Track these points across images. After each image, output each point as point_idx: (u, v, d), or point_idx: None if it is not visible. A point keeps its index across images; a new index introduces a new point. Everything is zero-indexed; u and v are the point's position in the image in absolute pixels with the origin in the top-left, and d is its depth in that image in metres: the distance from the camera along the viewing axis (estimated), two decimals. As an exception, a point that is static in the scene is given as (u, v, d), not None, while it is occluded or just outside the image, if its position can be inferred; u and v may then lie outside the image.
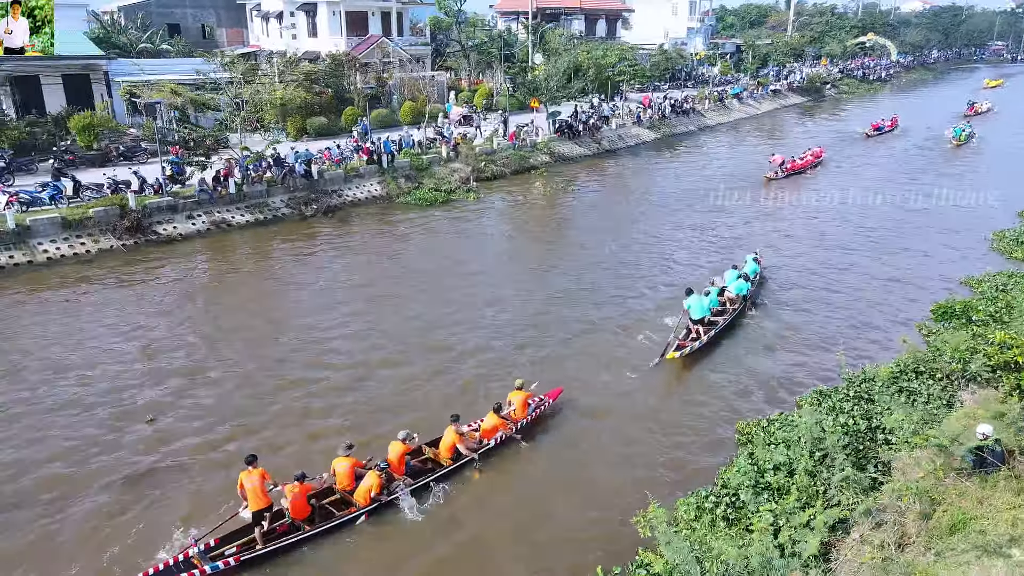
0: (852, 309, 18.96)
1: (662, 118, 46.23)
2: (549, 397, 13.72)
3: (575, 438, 13.23)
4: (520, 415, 12.95)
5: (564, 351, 16.42)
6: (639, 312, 18.71)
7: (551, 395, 13.79)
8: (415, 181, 30.66)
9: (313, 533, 10.41)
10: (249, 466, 10.18)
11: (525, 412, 12.98)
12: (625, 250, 23.93)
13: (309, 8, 50.87)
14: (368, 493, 10.79)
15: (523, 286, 20.58)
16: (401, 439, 11.45)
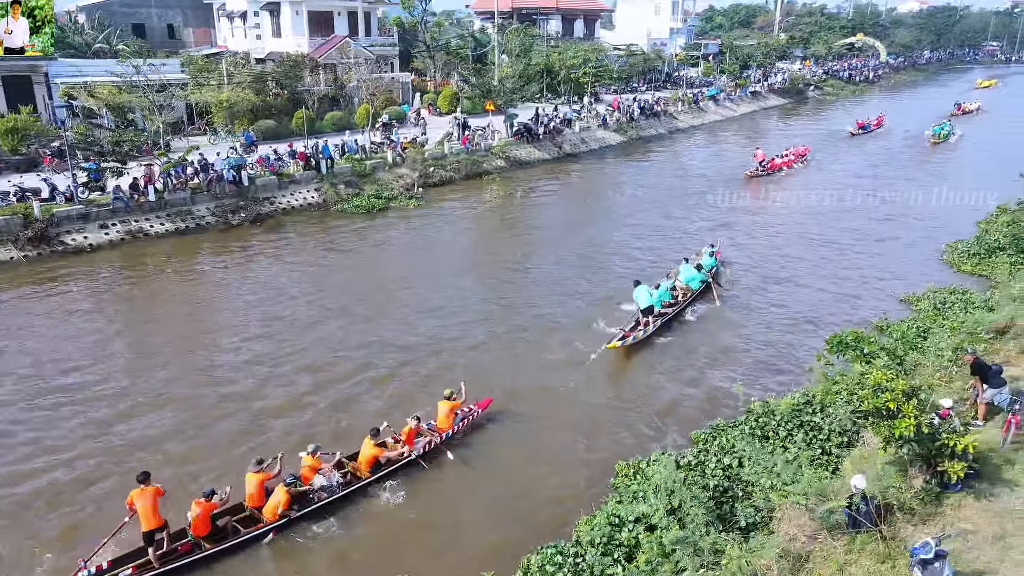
0: (787, 325, 18.11)
1: (630, 121, 45.06)
2: (478, 407, 13.42)
3: (490, 455, 12.74)
4: (446, 426, 12.62)
5: (498, 357, 16.12)
6: (577, 312, 18.51)
7: (480, 405, 13.50)
8: (356, 188, 29.55)
9: (216, 552, 9.96)
10: (142, 484, 9.75)
11: (451, 422, 12.67)
12: (570, 255, 23.48)
13: (273, 8, 49.82)
14: (276, 509, 10.39)
15: (457, 294, 19.90)
16: (310, 452, 11.16)
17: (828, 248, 24.36)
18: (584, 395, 14.59)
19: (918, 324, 16.62)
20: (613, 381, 15.50)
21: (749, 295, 20.10)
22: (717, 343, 16.96)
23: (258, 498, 10.62)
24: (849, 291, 20.32)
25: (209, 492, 10.14)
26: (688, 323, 18.28)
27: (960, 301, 17.91)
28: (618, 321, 17.49)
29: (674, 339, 17.25)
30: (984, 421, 11.31)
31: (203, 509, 9.97)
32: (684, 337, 17.41)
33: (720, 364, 15.94)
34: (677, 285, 18.97)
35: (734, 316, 18.58)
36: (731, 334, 17.46)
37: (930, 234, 25.49)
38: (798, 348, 16.66)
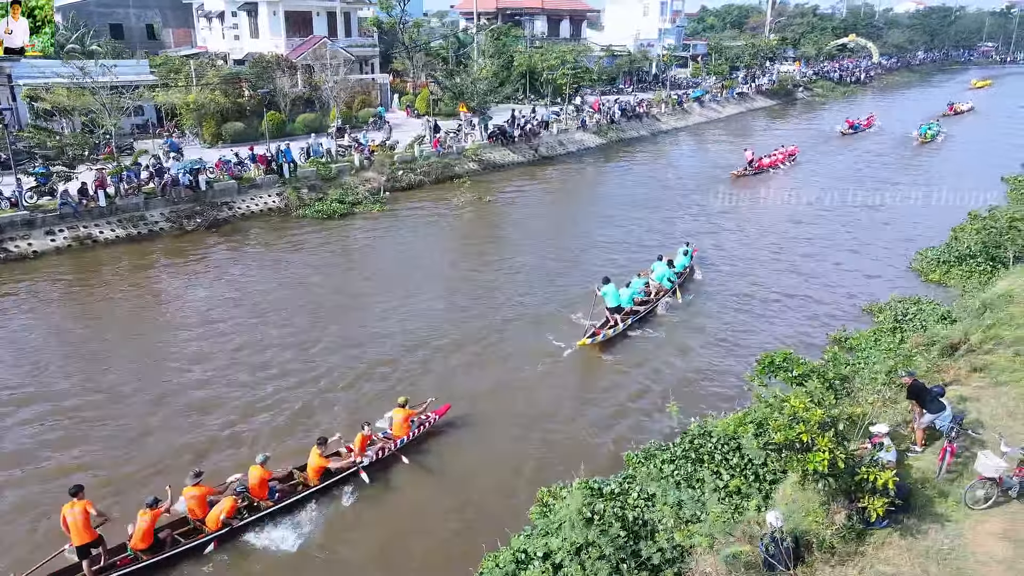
0: (746, 332, 17.75)
1: (611, 123, 44.40)
2: (436, 414, 13.26)
3: (442, 465, 12.53)
4: (401, 433, 12.48)
5: (461, 362, 15.94)
6: (546, 314, 18.49)
7: (438, 412, 13.34)
8: (321, 192, 28.89)
9: (155, 563, 9.79)
10: (73, 498, 9.55)
11: (407, 430, 12.53)
12: (539, 257, 23.14)
13: (250, 8, 49.18)
14: (218, 517, 10.26)
15: (417, 299, 19.51)
16: (259, 463, 10.90)
17: (802, 251, 24.08)
18: (545, 403, 14.32)
19: (875, 337, 16.08)
20: (579, 387, 15.30)
21: (718, 298, 19.90)
22: (682, 346, 16.87)
23: (200, 511, 10.45)
24: (816, 297, 19.89)
25: (152, 500, 9.97)
26: (661, 321, 18.28)
27: (921, 313, 17.33)
28: (586, 322, 17.42)
29: (646, 339, 17.31)
30: (923, 447, 10.67)
31: (150, 517, 9.82)
32: (654, 337, 17.40)
33: (679, 372, 15.71)
34: (650, 283, 19.08)
35: (700, 320, 18.38)
36: (695, 338, 17.26)
37: (905, 238, 25.08)
38: (752, 360, 16.08)
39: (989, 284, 19.51)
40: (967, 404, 11.74)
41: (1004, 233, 21.19)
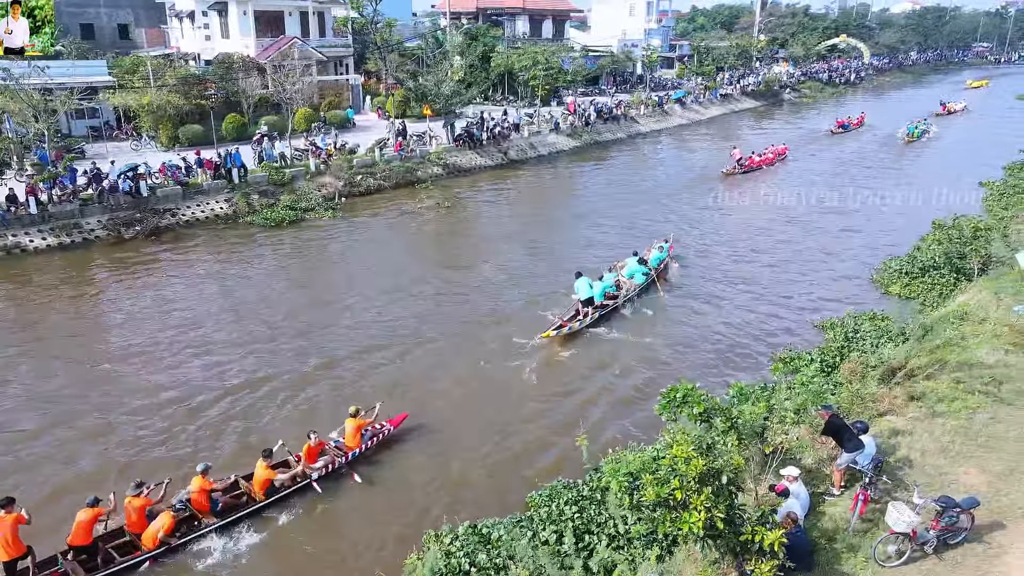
0: (692, 350, 16.86)
1: (585, 125, 43.42)
2: (391, 424, 12.89)
3: (395, 478, 12.09)
4: (353, 444, 12.09)
5: (416, 369, 15.63)
6: (502, 315, 18.30)
7: (393, 422, 12.97)
8: (272, 198, 27.92)
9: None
10: (2, 509, 9.25)
11: (358, 441, 12.11)
12: (498, 262, 22.56)
13: (221, 7, 48.21)
14: (155, 536, 9.89)
15: (360, 309, 18.91)
16: (200, 472, 10.60)
17: (768, 258, 23.32)
18: (502, 413, 13.93)
19: (823, 357, 15.14)
20: (540, 388, 14.90)
21: (678, 307, 19.34)
22: (632, 357, 16.28)
23: (139, 524, 10.10)
24: (773, 311, 18.98)
25: (93, 500, 9.71)
26: (624, 320, 18.10)
27: (876, 329, 16.39)
28: (551, 316, 17.46)
29: (605, 340, 17.04)
30: (841, 490, 9.71)
31: (91, 515, 9.57)
32: (611, 339, 17.11)
33: (622, 387, 15.09)
34: (621, 278, 19.03)
35: (657, 328, 17.86)
36: (645, 350, 16.65)
37: (873, 246, 24.23)
38: (701, 374, 15.32)
39: (951, 297, 18.67)
40: (898, 439, 10.80)
41: (968, 243, 20.27)
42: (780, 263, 22.82)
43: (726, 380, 15.00)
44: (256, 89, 36.19)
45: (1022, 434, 10.88)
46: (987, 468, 10.08)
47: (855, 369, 12.55)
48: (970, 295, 17.93)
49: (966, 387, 11.97)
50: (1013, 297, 16.52)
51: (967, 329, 14.77)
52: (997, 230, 20.91)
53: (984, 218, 23.81)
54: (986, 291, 17.56)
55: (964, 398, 11.71)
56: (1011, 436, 10.82)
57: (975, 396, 11.80)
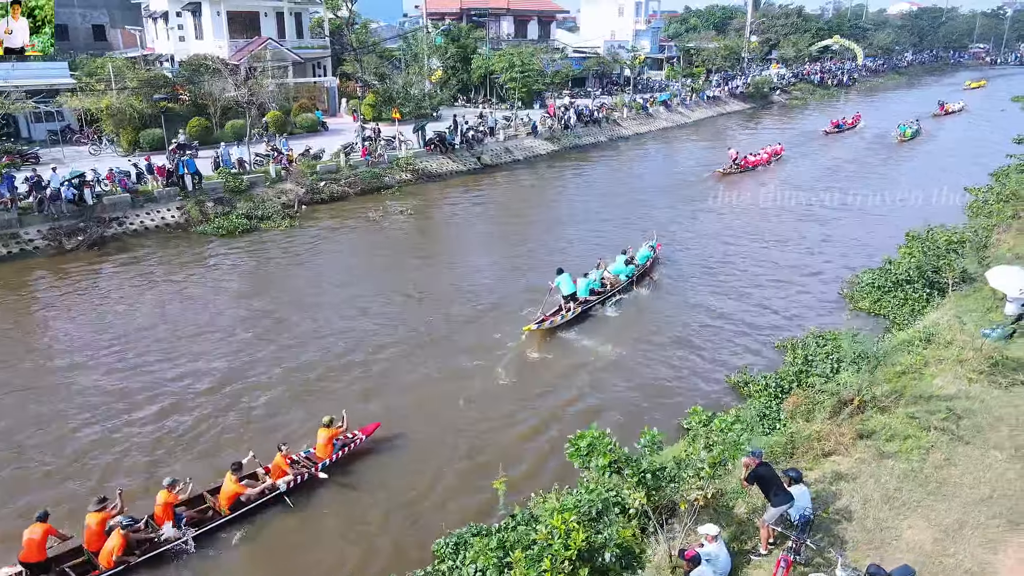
0: (646, 366, 15.99)
1: (565, 128, 42.40)
2: (363, 433, 12.61)
3: (366, 490, 11.74)
4: (323, 454, 11.80)
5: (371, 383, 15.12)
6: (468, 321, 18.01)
7: (365, 431, 12.66)
8: (228, 206, 26.89)
9: None
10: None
11: (329, 451, 11.83)
12: (464, 271, 21.95)
13: (194, 8, 47.23)
14: (110, 556, 9.54)
15: (319, 320, 18.15)
16: (166, 486, 10.28)
17: (744, 263, 22.61)
18: (480, 419, 13.64)
19: (779, 382, 14.13)
20: (518, 391, 14.67)
21: (651, 313, 18.83)
22: (604, 364, 15.96)
23: (98, 541, 9.79)
24: (738, 327, 17.91)
25: (43, 514, 9.52)
26: (602, 323, 18.07)
27: (838, 351, 15.32)
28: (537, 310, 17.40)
29: (581, 344, 16.89)
30: (768, 550, 8.67)
31: (40, 533, 9.37)
32: (587, 344, 16.86)
33: (594, 399, 14.56)
34: (606, 275, 19.20)
35: (631, 334, 17.44)
36: (614, 357, 16.29)
37: (850, 255, 23.36)
38: (654, 397, 14.59)
39: (922, 314, 17.65)
40: (840, 485, 9.78)
41: (942, 256, 19.28)
42: (754, 272, 21.85)
43: (680, 404, 14.07)
44: (224, 91, 35.12)
45: (978, 478, 9.88)
46: (935, 520, 9.07)
47: (800, 403, 11.52)
48: (940, 313, 16.92)
49: (921, 423, 10.95)
50: (982, 317, 15.54)
51: (931, 353, 13.76)
52: (974, 242, 19.87)
53: (964, 226, 22.84)
54: (956, 309, 16.56)
55: (918, 436, 10.69)
56: (965, 482, 9.80)
57: (930, 433, 10.78)
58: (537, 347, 16.51)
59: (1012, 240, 21.72)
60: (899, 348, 14.46)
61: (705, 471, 7.80)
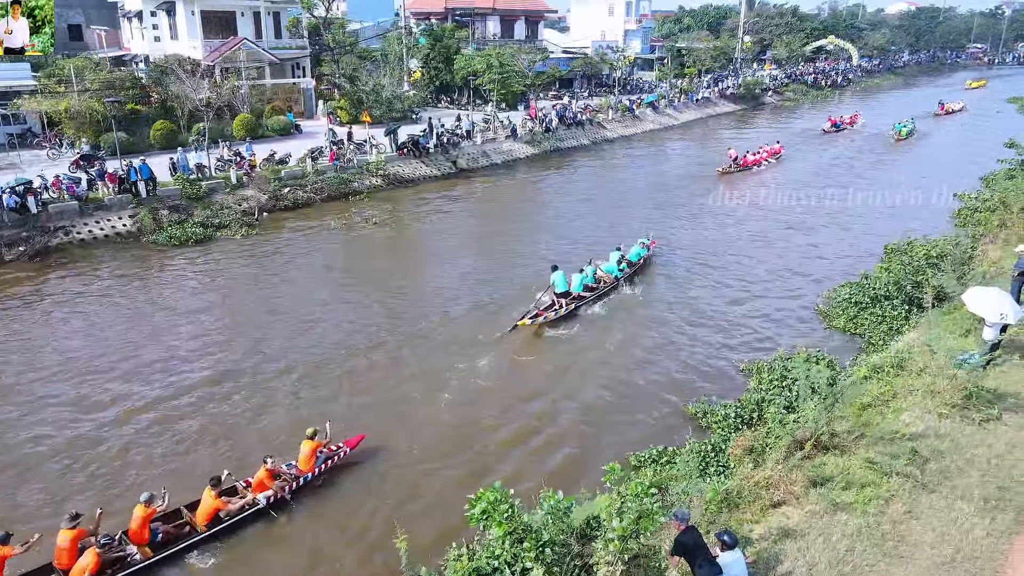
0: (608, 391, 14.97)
1: (546, 131, 41.30)
2: (347, 445, 12.28)
3: (350, 504, 11.39)
4: (306, 468, 11.52)
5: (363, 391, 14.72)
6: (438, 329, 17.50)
7: (349, 443, 12.34)
8: (185, 213, 25.79)
9: None
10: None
11: (312, 464, 11.56)
12: (426, 279, 21.40)
13: (168, 7, 46.14)
14: (82, 575, 9.25)
15: (266, 332, 17.45)
16: (143, 501, 9.99)
17: (722, 275, 21.60)
18: (467, 424, 13.46)
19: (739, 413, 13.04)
20: (498, 397, 14.38)
21: (617, 333, 17.66)
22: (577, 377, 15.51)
23: (68, 558, 9.52)
24: (704, 350, 16.78)
25: (3, 536, 9.29)
26: (589, 325, 17.95)
27: (808, 376, 14.24)
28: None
29: (562, 349, 16.71)
30: (696, 628, 7.59)
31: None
32: (566, 350, 16.69)
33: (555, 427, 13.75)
34: (599, 272, 19.47)
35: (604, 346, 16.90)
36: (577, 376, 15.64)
37: (832, 265, 22.28)
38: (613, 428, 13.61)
39: (901, 333, 16.58)
40: (784, 546, 8.68)
41: (921, 271, 18.19)
42: (732, 284, 20.89)
43: (627, 441, 13.03)
44: (193, 93, 34.01)
45: (941, 535, 8.80)
46: (890, 590, 8.00)
47: (748, 444, 10.43)
48: (918, 333, 15.84)
49: (882, 467, 9.87)
50: (961, 338, 14.45)
51: (901, 382, 12.68)
52: (955, 256, 18.77)
53: (946, 238, 21.74)
54: (935, 329, 15.46)
55: (877, 483, 9.61)
56: (927, 539, 8.72)
57: (892, 480, 9.70)
58: (521, 349, 16.49)
59: (998, 252, 20.66)
60: (869, 375, 13.40)
61: (614, 544, 6.70)
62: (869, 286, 18.48)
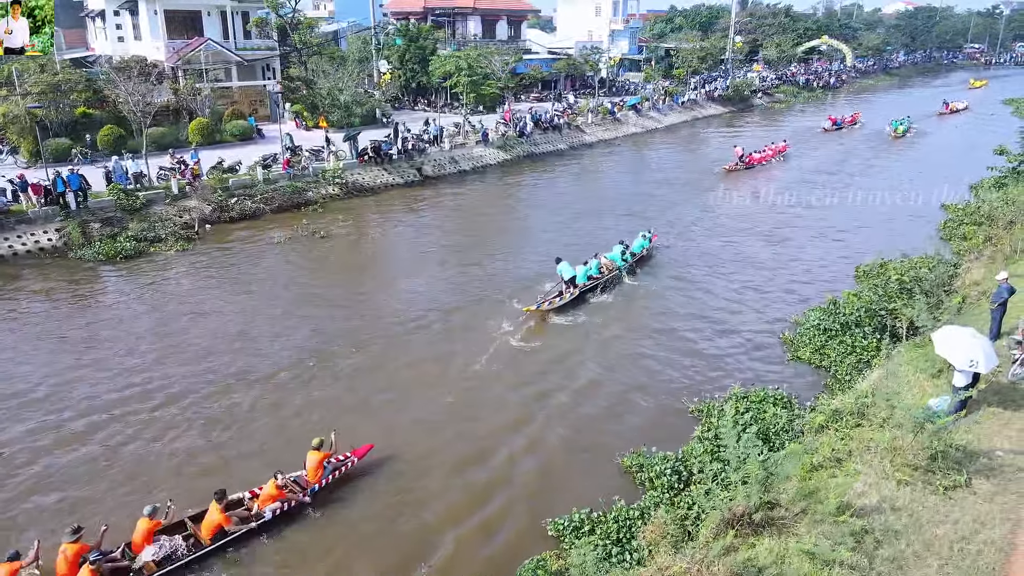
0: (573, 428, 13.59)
1: (520, 136, 39.68)
2: (355, 455, 12.10)
3: (357, 515, 11.14)
4: (313, 479, 11.35)
5: None
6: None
7: (357, 453, 12.16)
8: (119, 226, 24.19)
9: None
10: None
11: (319, 475, 11.38)
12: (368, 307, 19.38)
13: (131, 7, 44.56)
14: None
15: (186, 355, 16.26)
16: (147, 514, 9.94)
17: (689, 293, 20.17)
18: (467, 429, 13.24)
19: (678, 465, 11.47)
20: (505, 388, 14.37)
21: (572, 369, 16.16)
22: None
23: (70, 572, 9.43)
24: (661, 387, 15.17)
25: (14, 554, 9.25)
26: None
27: (761, 419, 12.72)
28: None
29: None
30: None
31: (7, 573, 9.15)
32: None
33: None
34: (603, 262, 20.36)
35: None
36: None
37: (814, 281, 20.74)
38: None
39: (871, 365, 15.00)
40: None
41: (893, 297, 16.60)
42: (702, 303, 19.55)
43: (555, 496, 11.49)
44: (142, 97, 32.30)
45: (888, 651, 7.22)
46: None
47: (663, 531, 8.83)
48: (890, 368, 14.22)
49: (823, 556, 8.27)
50: (934, 378, 12.88)
51: (860, 436, 11.09)
52: (931, 281, 17.16)
53: (924, 257, 20.13)
54: (905, 366, 13.88)
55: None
56: (869, 658, 7.14)
57: (835, 572, 8.11)
58: (525, 335, 16.87)
59: (982, 271, 19.10)
60: (827, 422, 11.83)
61: None
62: (837, 313, 16.87)
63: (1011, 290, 13.69)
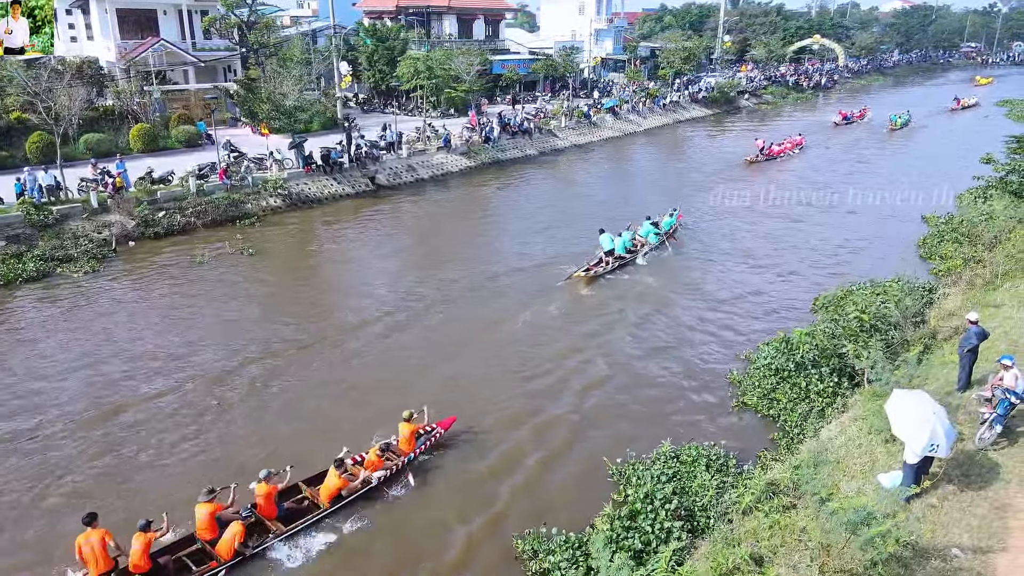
0: None
1: (486, 141, 37.73)
2: (440, 427, 12.86)
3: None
4: (407, 448, 12.20)
5: None
6: None
7: (442, 424, 12.93)
8: (26, 244, 22.26)
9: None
10: (88, 526, 9.33)
11: (412, 445, 12.24)
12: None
13: (82, 5, 42.67)
14: (231, 545, 9.82)
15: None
16: (263, 478, 10.53)
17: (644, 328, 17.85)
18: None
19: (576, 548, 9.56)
20: None
21: None
22: None
23: (209, 530, 10.04)
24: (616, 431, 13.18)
25: (145, 524, 9.46)
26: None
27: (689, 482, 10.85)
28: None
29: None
30: None
31: (141, 543, 9.32)
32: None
33: None
34: (637, 237, 22.71)
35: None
36: None
37: (770, 311, 18.66)
38: None
39: (825, 416, 13.09)
40: None
41: (853, 336, 14.65)
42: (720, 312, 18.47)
43: None
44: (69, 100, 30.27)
45: None
46: None
47: None
48: (845, 422, 12.34)
49: None
50: (883, 448, 10.95)
51: (790, 523, 9.17)
52: (895, 318, 15.19)
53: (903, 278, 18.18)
54: (859, 422, 11.97)
55: None
56: None
57: None
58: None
59: (959, 299, 17.20)
60: (761, 498, 9.93)
61: None
62: (792, 352, 14.90)
63: (982, 335, 11.79)
